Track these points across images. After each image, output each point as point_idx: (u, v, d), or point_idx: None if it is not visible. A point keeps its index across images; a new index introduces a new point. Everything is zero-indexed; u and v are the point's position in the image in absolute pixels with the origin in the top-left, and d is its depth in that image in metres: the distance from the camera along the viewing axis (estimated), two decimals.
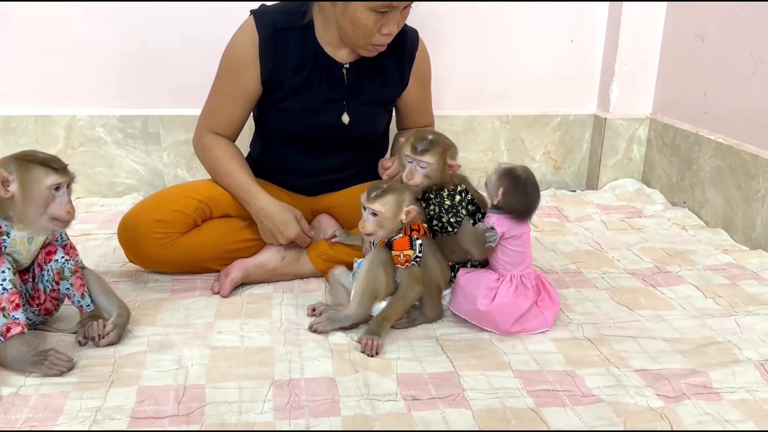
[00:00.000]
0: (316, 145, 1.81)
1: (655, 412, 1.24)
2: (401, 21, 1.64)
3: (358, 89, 1.76)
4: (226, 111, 1.74)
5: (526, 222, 1.50)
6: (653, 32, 2.55)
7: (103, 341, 1.40)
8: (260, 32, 1.67)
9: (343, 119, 1.76)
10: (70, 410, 1.20)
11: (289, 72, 1.71)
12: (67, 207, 1.33)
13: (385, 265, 1.51)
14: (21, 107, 2.38)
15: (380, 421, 1.20)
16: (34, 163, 1.31)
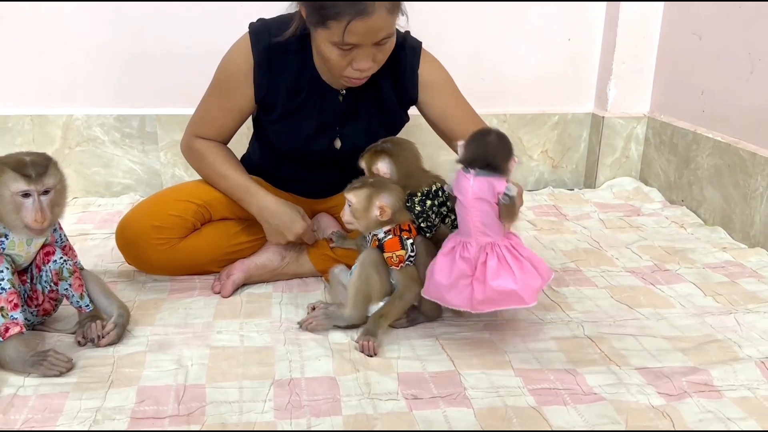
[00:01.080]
0: (313, 165, 1.80)
1: (657, 411, 1.24)
2: (379, 55, 1.51)
3: (353, 116, 1.70)
4: (216, 121, 1.70)
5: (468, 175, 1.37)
6: (650, 30, 2.55)
7: (103, 341, 1.39)
8: (255, 56, 1.61)
9: (335, 144, 1.73)
10: (69, 411, 1.20)
11: (284, 96, 1.65)
12: (34, 215, 1.28)
13: (377, 266, 1.50)
14: (17, 107, 2.37)
15: (382, 421, 1.20)
16: (7, 166, 1.27)
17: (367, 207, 1.46)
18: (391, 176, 1.53)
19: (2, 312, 1.29)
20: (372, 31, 1.43)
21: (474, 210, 1.36)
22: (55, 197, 1.32)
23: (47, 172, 1.29)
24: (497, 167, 1.36)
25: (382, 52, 1.52)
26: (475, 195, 1.35)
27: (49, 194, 1.30)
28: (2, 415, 1.18)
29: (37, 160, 1.30)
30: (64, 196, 1.36)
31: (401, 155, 1.55)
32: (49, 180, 1.29)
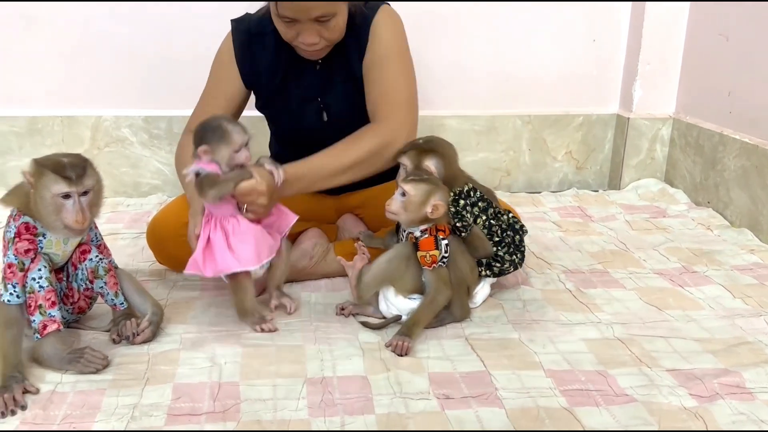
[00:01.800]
0: (310, 145, 1.81)
1: (689, 412, 1.23)
2: (325, 32, 1.56)
3: (330, 85, 1.74)
4: (206, 110, 1.72)
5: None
6: (676, 31, 2.54)
7: (138, 338, 1.41)
8: (235, 39, 1.72)
9: (322, 117, 1.76)
10: (107, 407, 1.21)
11: (265, 76, 1.73)
12: (75, 216, 1.30)
13: (408, 259, 1.51)
14: (47, 108, 2.41)
15: (414, 420, 1.20)
16: (47, 168, 1.28)
17: (424, 202, 1.45)
18: (438, 175, 1.53)
19: (40, 310, 1.31)
20: (303, 9, 1.50)
21: None
22: (93, 197, 1.34)
23: (86, 174, 1.31)
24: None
25: (328, 29, 1.56)
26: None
27: (88, 195, 1.32)
28: (42, 411, 1.20)
29: (75, 161, 1.31)
30: (100, 196, 1.37)
31: (448, 154, 1.56)
32: (88, 181, 1.31)
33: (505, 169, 2.68)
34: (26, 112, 2.40)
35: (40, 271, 1.33)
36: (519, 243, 1.62)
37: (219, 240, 1.47)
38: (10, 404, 1.20)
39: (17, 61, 2.36)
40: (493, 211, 1.58)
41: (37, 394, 1.25)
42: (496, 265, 1.59)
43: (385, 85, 1.67)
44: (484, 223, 1.56)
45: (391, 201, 1.48)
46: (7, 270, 1.32)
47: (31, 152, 2.40)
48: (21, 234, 1.33)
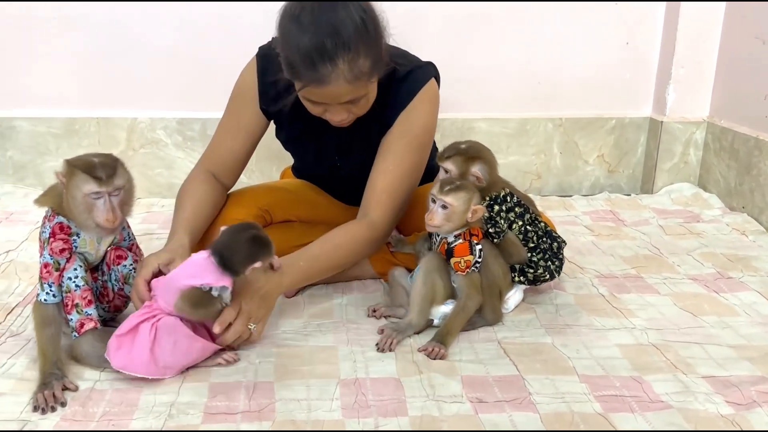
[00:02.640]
0: (327, 183, 1.84)
1: (726, 419, 1.22)
2: (354, 109, 1.49)
3: (347, 149, 1.70)
4: (224, 145, 1.69)
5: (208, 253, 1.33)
6: (711, 34, 2.51)
7: None
8: (260, 78, 1.64)
9: (337, 172, 1.75)
10: (145, 405, 1.23)
11: (286, 118, 1.67)
12: (106, 215, 1.31)
13: (440, 270, 1.52)
14: (84, 109, 2.46)
15: (448, 422, 1.20)
16: (78, 168, 1.30)
17: (466, 210, 1.45)
18: (484, 181, 1.53)
19: (77, 308, 1.33)
20: (332, 96, 1.43)
21: (176, 270, 1.34)
22: (124, 197, 1.35)
23: (116, 173, 1.32)
24: (227, 266, 1.31)
25: (357, 107, 1.49)
26: (188, 264, 1.34)
27: (118, 194, 1.33)
28: (81, 408, 1.22)
29: (106, 161, 1.33)
30: (132, 195, 1.39)
31: (491, 161, 1.55)
32: (118, 181, 1.32)
33: (536, 172, 2.67)
34: (63, 114, 2.45)
35: (75, 270, 1.35)
36: (557, 251, 1.61)
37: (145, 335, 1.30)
38: (50, 401, 1.22)
39: (55, 63, 2.41)
40: (529, 217, 1.58)
41: (77, 392, 1.27)
42: (530, 271, 1.59)
43: (386, 178, 1.59)
44: (519, 228, 1.55)
45: (432, 215, 1.46)
46: (43, 270, 1.35)
47: (67, 153, 2.44)
48: (56, 234, 1.35)
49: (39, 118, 2.44)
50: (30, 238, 2.05)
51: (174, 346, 1.30)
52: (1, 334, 1.48)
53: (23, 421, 1.18)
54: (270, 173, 2.49)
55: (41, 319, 1.33)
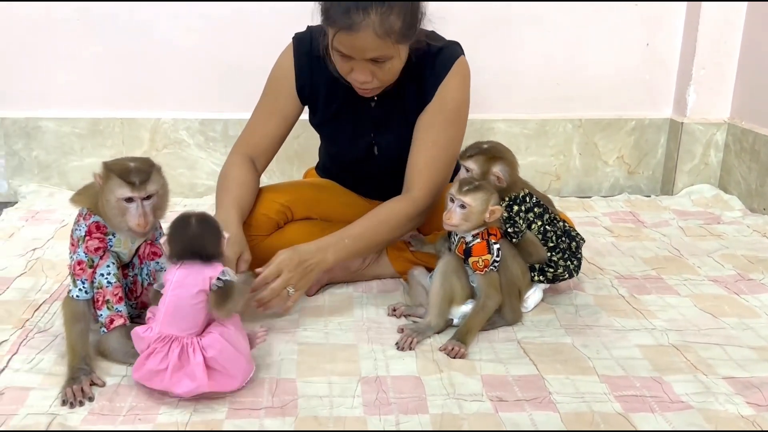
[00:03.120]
0: (360, 172, 1.84)
1: (747, 420, 1.22)
2: (379, 72, 1.52)
3: (385, 124, 1.73)
4: (260, 128, 1.74)
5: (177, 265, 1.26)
6: (732, 34, 2.51)
7: None
8: (296, 60, 1.69)
9: (373, 151, 1.76)
10: (171, 400, 1.26)
11: (322, 100, 1.72)
12: (137, 220, 1.33)
13: (457, 271, 1.53)
14: (109, 110, 2.49)
15: (468, 421, 1.22)
16: (113, 172, 1.33)
17: (484, 210, 1.46)
18: (505, 181, 1.54)
19: (108, 305, 1.36)
20: (358, 48, 1.46)
21: (170, 297, 1.24)
22: (158, 201, 1.38)
23: (150, 179, 1.34)
24: (208, 255, 1.27)
25: (382, 70, 1.52)
26: (176, 285, 1.25)
27: (151, 199, 1.36)
28: (108, 403, 1.25)
29: (141, 167, 1.34)
30: (166, 200, 1.41)
31: (512, 161, 1.57)
32: (151, 186, 1.34)
33: (555, 173, 2.67)
34: (88, 114, 2.49)
35: (108, 267, 1.38)
36: (576, 250, 1.62)
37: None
38: (78, 395, 1.25)
39: (80, 65, 2.45)
40: (548, 217, 1.58)
41: (104, 387, 1.30)
42: (549, 270, 1.60)
43: (429, 152, 1.65)
44: (539, 228, 1.56)
45: (450, 214, 1.47)
46: (76, 267, 1.38)
47: (92, 153, 2.49)
48: (92, 232, 1.38)
49: (64, 118, 2.48)
50: (56, 236, 2.08)
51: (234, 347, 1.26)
52: (29, 330, 1.51)
53: (52, 415, 1.21)
54: (290, 173, 2.51)
55: (71, 314, 1.36)
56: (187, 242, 1.26)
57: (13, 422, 1.19)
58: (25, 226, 2.17)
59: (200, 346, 1.23)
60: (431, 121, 1.66)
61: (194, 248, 1.26)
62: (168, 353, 1.23)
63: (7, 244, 2.01)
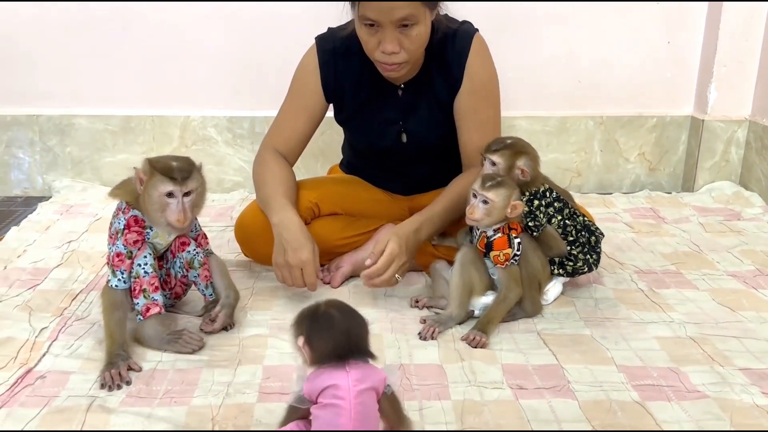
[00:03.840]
0: (388, 163, 1.89)
1: (762, 410, 1.25)
2: (406, 41, 1.57)
3: (413, 109, 1.78)
4: (289, 125, 1.80)
5: (345, 368, 1.00)
6: (754, 32, 2.52)
7: (216, 326, 1.50)
8: (320, 58, 1.74)
9: (401, 139, 1.81)
10: (204, 384, 1.32)
11: (349, 94, 1.77)
12: (177, 215, 1.39)
13: (475, 263, 1.57)
14: (140, 108, 2.57)
15: (488, 407, 1.26)
16: (157, 169, 1.39)
17: (506, 205, 1.50)
18: (528, 175, 1.58)
19: (144, 293, 1.43)
20: (387, 10, 1.51)
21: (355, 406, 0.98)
22: (196, 199, 1.44)
23: (191, 177, 1.41)
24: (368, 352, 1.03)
25: (409, 38, 1.57)
26: (359, 386, 0.99)
27: (190, 196, 1.42)
28: (145, 386, 1.31)
29: (183, 165, 1.41)
30: (203, 198, 1.47)
31: (535, 156, 1.61)
32: (191, 183, 1.41)
33: (576, 169, 2.70)
34: (120, 112, 2.56)
35: (145, 258, 1.44)
36: (595, 244, 1.65)
37: None
38: (116, 379, 1.31)
39: (113, 64, 2.53)
40: (568, 212, 1.62)
41: (140, 372, 1.36)
42: (569, 263, 1.63)
43: (480, 131, 1.73)
44: (559, 222, 1.60)
45: (473, 209, 1.52)
46: (115, 258, 1.44)
47: (124, 149, 2.56)
48: (131, 226, 1.44)
49: (97, 115, 2.56)
50: (90, 229, 2.16)
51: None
52: (68, 318, 1.58)
53: (92, 397, 1.27)
54: (315, 170, 2.57)
55: (110, 303, 1.42)
56: (345, 340, 1.01)
57: (55, 403, 1.25)
58: (60, 220, 2.25)
59: None
60: (468, 104, 1.73)
61: (357, 346, 1.01)
62: None
63: (43, 237, 2.09)
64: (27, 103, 2.55)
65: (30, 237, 2.08)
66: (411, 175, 1.88)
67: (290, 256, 1.60)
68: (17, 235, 2.10)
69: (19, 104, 2.55)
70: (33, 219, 2.25)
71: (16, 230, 2.14)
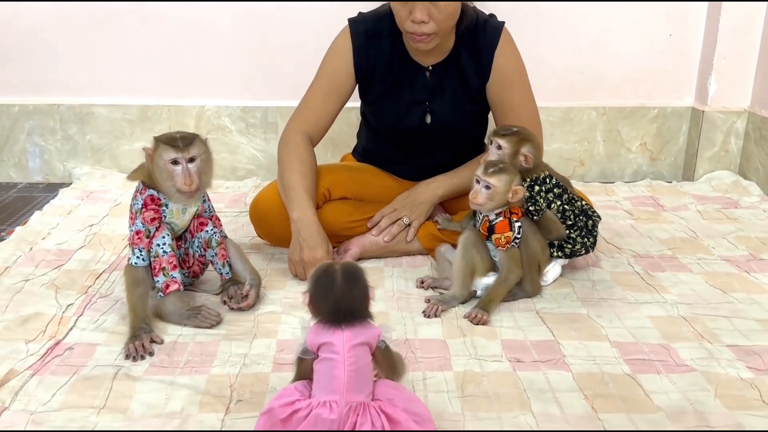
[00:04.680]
0: (410, 145, 1.96)
1: (745, 382, 1.32)
2: (435, 12, 1.65)
3: (440, 91, 1.86)
4: (318, 104, 1.88)
5: (340, 327, 1.09)
6: (753, 26, 2.57)
7: (247, 302, 1.59)
8: (354, 40, 1.83)
9: (426, 119, 1.89)
10: (222, 355, 1.40)
11: (379, 77, 1.86)
12: (183, 179, 1.48)
13: (478, 245, 1.65)
14: (157, 98, 2.66)
15: (488, 378, 1.34)
16: (161, 141, 1.49)
17: (507, 190, 1.58)
18: (532, 162, 1.66)
19: (164, 271, 1.51)
20: None
21: (349, 361, 1.08)
22: (202, 165, 1.52)
23: (192, 144, 1.50)
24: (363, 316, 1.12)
25: (438, 9, 1.65)
26: (352, 341, 1.09)
27: (195, 162, 1.50)
28: (167, 357, 1.40)
29: (185, 135, 1.51)
30: (209, 166, 1.55)
31: (539, 145, 1.70)
32: (194, 150, 1.49)
33: (579, 159, 2.77)
34: (138, 101, 2.65)
35: (164, 238, 1.53)
36: (592, 228, 1.73)
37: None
38: (140, 350, 1.40)
39: (131, 55, 2.61)
40: (567, 197, 1.70)
41: (162, 344, 1.45)
42: (567, 246, 1.71)
43: (515, 107, 1.85)
44: (558, 207, 1.68)
45: (476, 194, 1.59)
46: (134, 237, 1.53)
47: (141, 138, 2.65)
48: (147, 205, 1.53)
49: (115, 105, 2.65)
50: (110, 214, 2.25)
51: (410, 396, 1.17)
52: (92, 296, 1.67)
53: (117, 366, 1.36)
54: (325, 159, 2.64)
55: (132, 280, 1.51)
56: (342, 304, 1.10)
57: (83, 372, 1.34)
58: (81, 205, 2.34)
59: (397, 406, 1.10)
60: (502, 93, 1.85)
61: (351, 311, 1.10)
62: (371, 421, 1.07)
63: (66, 221, 2.18)
64: (48, 93, 2.64)
65: (53, 221, 2.17)
66: (427, 159, 1.96)
67: (306, 254, 1.72)
68: (41, 218, 2.20)
69: (41, 93, 2.64)
70: (55, 204, 2.35)
71: (40, 214, 2.24)
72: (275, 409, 1.09)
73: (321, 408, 1.07)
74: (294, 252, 1.74)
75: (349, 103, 1.93)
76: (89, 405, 1.24)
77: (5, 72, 2.62)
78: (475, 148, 2.00)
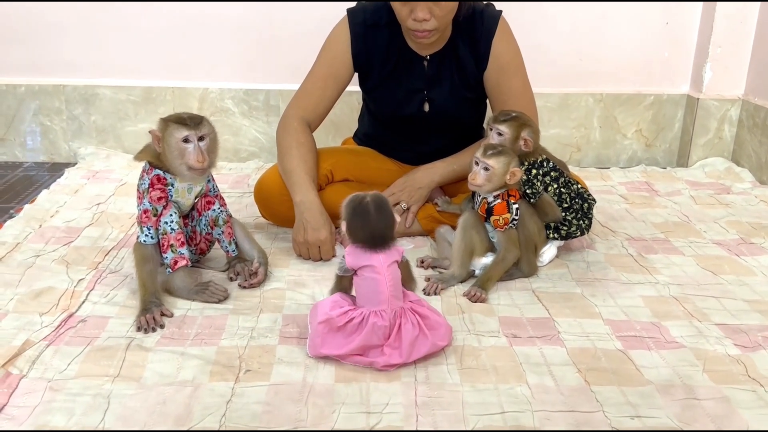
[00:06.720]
0: (409, 131, 2.01)
1: (732, 358, 1.38)
2: (436, 9, 1.68)
3: (438, 80, 1.90)
4: (317, 90, 1.92)
5: (377, 251, 1.32)
6: (749, 15, 2.62)
7: (257, 280, 1.64)
8: (352, 30, 1.87)
9: (424, 108, 1.93)
10: (230, 328, 1.46)
11: (377, 64, 1.89)
12: (196, 156, 1.53)
13: (477, 227, 1.70)
14: (161, 80, 2.70)
15: (486, 352, 1.39)
16: (171, 121, 1.54)
17: (505, 172, 1.63)
18: (531, 146, 1.71)
19: (172, 248, 1.56)
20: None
21: (389, 274, 1.32)
22: (210, 145, 1.57)
23: (202, 123, 1.55)
24: (391, 241, 1.34)
25: (439, 6, 1.68)
26: (387, 261, 1.32)
27: (204, 140, 1.55)
28: (177, 329, 1.45)
29: (193, 115, 1.56)
30: (216, 146, 1.60)
31: (538, 129, 1.75)
32: (204, 128, 1.54)
33: (576, 144, 2.82)
34: (142, 83, 2.69)
35: (171, 216, 1.58)
36: (587, 211, 1.78)
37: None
38: (151, 323, 1.45)
39: (136, 37, 2.65)
40: (563, 181, 1.75)
41: (172, 317, 1.50)
42: (563, 228, 1.77)
43: (512, 95, 1.89)
44: (554, 190, 1.73)
45: (475, 175, 1.64)
46: (142, 215, 1.58)
47: (145, 119, 2.69)
48: (154, 184, 1.58)
49: (120, 86, 2.69)
50: (116, 193, 2.30)
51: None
52: (102, 271, 1.72)
53: (130, 338, 1.41)
54: (326, 142, 2.68)
55: (141, 256, 1.56)
56: (376, 232, 1.32)
57: (97, 343, 1.39)
58: (88, 184, 2.38)
59: (423, 306, 1.38)
60: (499, 81, 1.88)
61: (384, 237, 1.33)
62: (411, 321, 1.33)
63: (73, 199, 2.23)
64: (54, 74, 2.68)
65: (61, 199, 2.22)
66: (426, 145, 2.01)
67: (310, 235, 1.77)
68: (48, 197, 2.24)
69: (46, 74, 2.68)
70: (62, 183, 2.39)
71: (47, 193, 2.28)
72: (333, 318, 1.32)
73: (374, 317, 1.31)
74: (298, 233, 1.79)
75: (351, 87, 1.97)
76: (104, 373, 1.29)
77: (12, 53, 2.65)
78: (473, 134, 2.04)
